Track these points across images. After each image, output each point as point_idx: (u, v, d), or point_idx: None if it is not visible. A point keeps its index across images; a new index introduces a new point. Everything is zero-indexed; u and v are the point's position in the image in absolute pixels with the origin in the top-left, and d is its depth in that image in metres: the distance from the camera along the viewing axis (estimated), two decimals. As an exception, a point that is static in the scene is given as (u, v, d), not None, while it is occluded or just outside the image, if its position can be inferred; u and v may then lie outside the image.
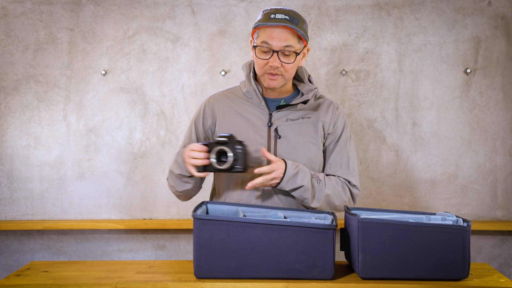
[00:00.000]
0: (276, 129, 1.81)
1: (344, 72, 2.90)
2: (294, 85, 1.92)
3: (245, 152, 1.68)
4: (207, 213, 1.70)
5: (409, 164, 2.91)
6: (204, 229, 1.46)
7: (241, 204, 1.71)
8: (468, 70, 2.88)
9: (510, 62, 2.88)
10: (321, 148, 1.87)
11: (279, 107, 1.82)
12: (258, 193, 1.81)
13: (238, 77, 2.88)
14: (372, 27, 2.89)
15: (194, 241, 1.47)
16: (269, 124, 1.82)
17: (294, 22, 1.73)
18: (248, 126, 1.82)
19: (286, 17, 1.73)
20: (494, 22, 2.88)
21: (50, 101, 2.89)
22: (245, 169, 1.68)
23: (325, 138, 1.88)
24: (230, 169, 1.67)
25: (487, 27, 2.88)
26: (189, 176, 1.79)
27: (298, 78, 1.92)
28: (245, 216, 1.61)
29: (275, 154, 1.80)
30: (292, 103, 1.82)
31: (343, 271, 1.56)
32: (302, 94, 1.87)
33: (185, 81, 2.90)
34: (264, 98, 1.86)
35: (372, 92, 2.90)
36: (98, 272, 1.57)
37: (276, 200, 1.81)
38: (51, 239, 2.93)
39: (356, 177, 1.88)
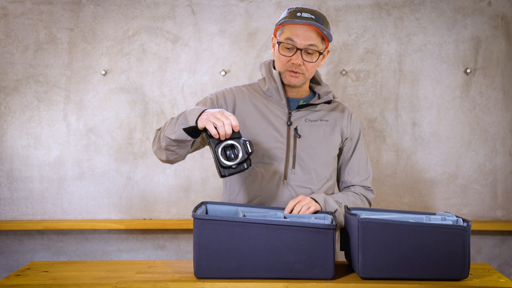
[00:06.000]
0: (296, 129, 1.82)
1: (344, 72, 2.90)
2: (309, 87, 1.94)
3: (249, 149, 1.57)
4: (206, 213, 1.70)
5: (409, 164, 2.91)
6: (204, 229, 1.46)
7: (241, 204, 1.71)
8: (468, 70, 2.88)
9: (510, 62, 2.88)
10: (337, 152, 1.89)
11: (300, 107, 1.83)
12: (276, 188, 1.81)
13: (238, 77, 2.88)
14: (372, 27, 2.89)
15: (194, 241, 1.47)
16: (288, 123, 1.82)
17: (319, 21, 1.75)
18: (268, 123, 1.82)
19: (312, 16, 1.74)
20: (494, 22, 2.88)
21: (50, 101, 2.89)
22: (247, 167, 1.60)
23: (342, 143, 1.90)
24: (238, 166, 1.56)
25: (487, 27, 2.88)
26: (192, 132, 1.63)
27: (313, 80, 1.93)
28: (244, 216, 1.61)
29: (294, 154, 1.80)
30: (313, 103, 1.83)
31: (343, 271, 1.56)
32: (319, 96, 1.89)
33: (185, 81, 2.90)
34: (286, 97, 1.86)
35: (372, 92, 2.90)
36: (98, 272, 1.57)
37: (291, 195, 1.81)
38: (51, 239, 2.93)
39: (371, 180, 1.93)
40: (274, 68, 1.87)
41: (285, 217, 1.61)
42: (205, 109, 1.58)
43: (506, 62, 2.88)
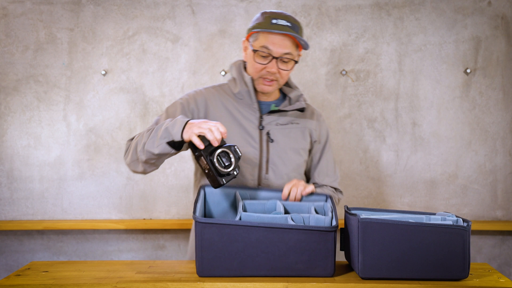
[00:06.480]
0: (268, 133, 1.80)
1: (344, 72, 2.90)
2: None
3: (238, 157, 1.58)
4: (205, 197, 1.70)
5: (409, 164, 2.91)
6: (206, 232, 1.45)
7: (239, 186, 1.71)
8: (468, 70, 2.88)
9: (510, 62, 2.88)
10: (307, 154, 1.88)
11: (272, 112, 1.81)
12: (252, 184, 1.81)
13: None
14: (372, 27, 2.89)
15: (196, 243, 1.47)
16: (260, 127, 1.80)
17: (295, 29, 1.71)
18: (240, 127, 1.79)
19: (288, 24, 1.70)
20: (494, 22, 2.88)
21: (50, 101, 2.89)
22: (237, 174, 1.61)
23: (311, 145, 1.89)
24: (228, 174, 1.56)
25: (487, 27, 2.88)
26: (175, 146, 1.61)
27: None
28: (244, 206, 1.61)
29: (267, 159, 1.79)
30: (286, 109, 1.80)
31: (343, 271, 1.56)
32: (290, 99, 1.87)
33: (185, 81, 2.90)
34: (257, 101, 1.83)
35: (372, 92, 2.90)
36: (98, 272, 1.57)
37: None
38: (51, 239, 2.93)
39: (339, 182, 1.97)
40: (245, 69, 1.84)
41: (285, 208, 1.62)
42: (188, 120, 1.57)
43: (506, 62, 2.88)
